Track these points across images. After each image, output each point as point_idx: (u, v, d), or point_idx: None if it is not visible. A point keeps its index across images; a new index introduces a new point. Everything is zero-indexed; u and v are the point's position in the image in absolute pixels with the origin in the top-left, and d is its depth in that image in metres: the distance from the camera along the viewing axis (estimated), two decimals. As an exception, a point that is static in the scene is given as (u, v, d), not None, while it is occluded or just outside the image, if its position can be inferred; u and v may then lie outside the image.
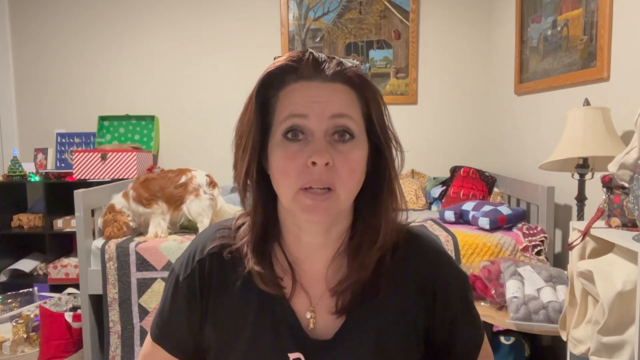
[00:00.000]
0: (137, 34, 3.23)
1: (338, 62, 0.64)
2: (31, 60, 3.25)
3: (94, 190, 2.24)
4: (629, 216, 1.30)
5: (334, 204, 0.62)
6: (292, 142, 0.62)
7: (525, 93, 2.62)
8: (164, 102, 3.25)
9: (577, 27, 2.04)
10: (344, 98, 0.63)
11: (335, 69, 0.63)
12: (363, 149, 0.64)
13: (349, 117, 0.62)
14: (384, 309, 0.69)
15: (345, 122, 0.62)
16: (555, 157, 1.77)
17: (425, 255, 0.72)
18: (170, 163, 3.28)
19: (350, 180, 0.62)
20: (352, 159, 0.62)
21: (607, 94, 1.85)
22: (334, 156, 0.60)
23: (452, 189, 2.69)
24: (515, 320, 1.56)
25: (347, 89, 0.64)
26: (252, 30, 3.21)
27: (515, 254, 2.06)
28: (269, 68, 0.64)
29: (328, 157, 0.60)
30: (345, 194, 0.62)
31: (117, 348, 2.13)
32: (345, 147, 0.62)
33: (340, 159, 0.61)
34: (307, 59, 0.63)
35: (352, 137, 0.62)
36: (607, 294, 1.14)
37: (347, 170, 0.61)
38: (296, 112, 0.62)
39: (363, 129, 0.65)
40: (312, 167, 0.60)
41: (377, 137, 0.66)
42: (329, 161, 0.60)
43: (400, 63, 3.20)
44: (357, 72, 0.64)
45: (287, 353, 0.67)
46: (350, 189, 0.63)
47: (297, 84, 0.63)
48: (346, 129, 0.62)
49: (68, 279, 2.78)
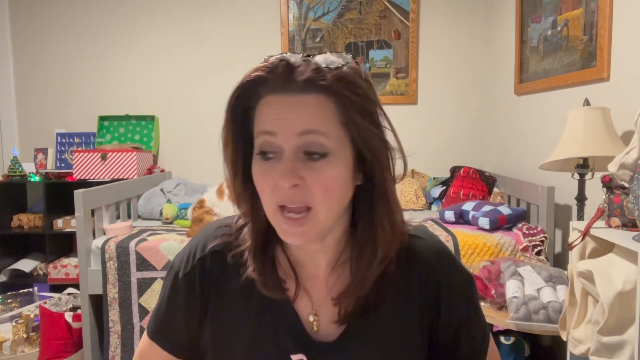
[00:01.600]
0: (137, 34, 3.23)
1: (314, 69, 0.57)
2: (31, 60, 3.25)
3: (94, 190, 2.24)
4: (629, 216, 1.30)
5: (311, 226, 0.59)
6: (265, 161, 0.60)
7: (525, 93, 2.62)
8: (164, 102, 3.25)
9: (577, 27, 2.04)
10: (315, 111, 0.57)
11: (309, 76, 0.57)
12: (342, 163, 0.59)
13: (319, 133, 0.57)
14: (388, 314, 0.68)
15: (315, 139, 0.57)
16: (555, 157, 1.77)
17: (428, 261, 0.70)
18: (170, 163, 3.28)
19: (327, 199, 0.58)
20: (325, 176, 0.58)
21: (607, 94, 1.85)
22: (305, 174, 0.57)
23: (452, 189, 2.69)
24: (515, 320, 1.57)
25: (322, 98, 0.58)
26: (252, 30, 3.21)
27: (515, 254, 2.06)
28: (243, 79, 0.61)
29: (293, 179, 0.57)
30: (323, 212, 0.59)
31: (117, 348, 2.13)
32: (317, 164, 0.58)
33: (313, 177, 0.57)
34: (277, 68, 0.58)
35: (325, 154, 0.58)
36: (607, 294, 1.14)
37: (320, 189, 0.58)
38: (266, 129, 0.59)
39: (344, 139, 0.59)
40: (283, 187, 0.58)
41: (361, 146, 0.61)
42: (297, 182, 0.57)
43: (400, 63, 3.20)
44: (339, 76, 0.58)
45: (290, 354, 0.66)
46: (329, 207, 0.59)
47: (269, 97, 0.59)
48: (315, 148, 0.57)
49: (68, 279, 2.78)
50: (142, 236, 2.20)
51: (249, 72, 0.60)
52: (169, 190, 2.81)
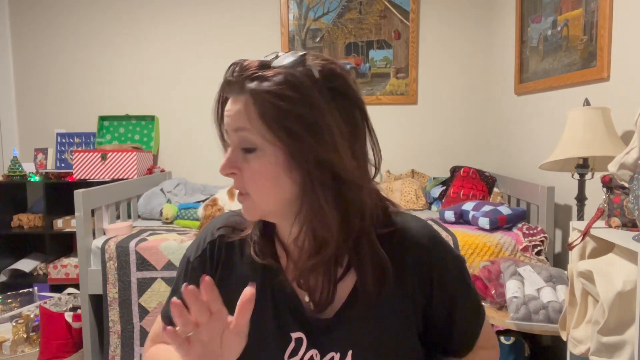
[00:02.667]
0: (137, 34, 3.23)
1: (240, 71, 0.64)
2: (31, 60, 3.25)
3: (94, 190, 2.24)
4: (629, 216, 1.30)
5: (251, 207, 0.68)
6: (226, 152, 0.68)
7: (525, 93, 2.62)
8: (164, 102, 3.25)
9: (577, 27, 2.04)
10: (243, 111, 0.63)
11: (237, 80, 0.64)
12: (266, 159, 0.63)
13: (244, 129, 0.63)
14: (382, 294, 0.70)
15: (243, 135, 0.64)
16: (555, 157, 1.77)
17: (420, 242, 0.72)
18: (170, 163, 3.28)
19: (258, 187, 0.65)
20: (252, 169, 0.64)
21: (607, 94, 1.85)
22: (241, 165, 0.65)
23: (452, 189, 2.69)
24: (515, 320, 1.57)
25: (245, 97, 0.63)
26: (252, 30, 3.21)
27: (515, 254, 2.06)
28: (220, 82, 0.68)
29: (228, 169, 0.66)
30: (258, 198, 0.66)
31: (117, 348, 2.13)
32: (248, 157, 0.65)
33: (244, 168, 0.65)
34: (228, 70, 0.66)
35: (253, 148, 0.64)
36: (607, 294, 1.14)
37: (251, 179, 0.65)
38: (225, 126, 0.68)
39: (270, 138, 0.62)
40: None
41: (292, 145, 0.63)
42: (231, 172, 0.66)
43: (400, 63, 3.20)
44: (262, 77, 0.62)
45: (290, 333, 0.70)
46: (260, 194, 0.66)
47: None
48: (244, 144, 0.64)
49: (68, 279, 2.78)
50: (142, 236, 2.20)
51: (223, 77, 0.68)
52: (169, 190, 2.81)
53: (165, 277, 2.11)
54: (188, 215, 2.50)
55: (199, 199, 2.78)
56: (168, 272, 2.11)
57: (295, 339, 0.69)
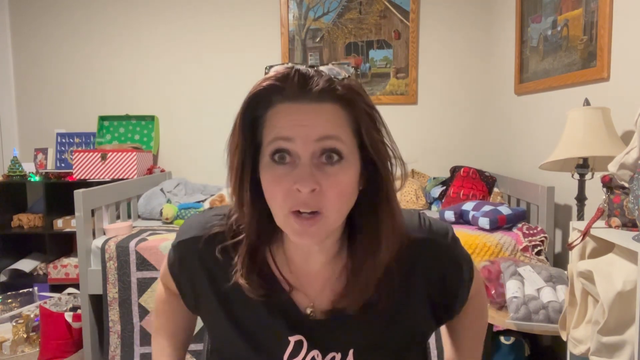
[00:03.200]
0: (137, 33, 3.23)
1: (327, 79, 0.60)
2: (31, 60, 3.25)
3: (94, 190, 2.24)
4: (629, 216, 1.30)
5: (322, 227, 0.61)
6: (279, 165, 0.61)
7: (525, 93, 2.62)
8: (164, 102, 3.25)
9: (577, 27, 2.04)
10: (331, 119, 0.60)
11: (324, 86, 0.60)
12: (353, 169, 0.62)
13: (336, 138, 0.60)
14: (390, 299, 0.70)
15: (332, 144, 0.60)
16: (555, 157, 1.77)
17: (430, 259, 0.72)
18: (170, 163, 3.28)
19: (339, 203, 0.61)
20: (341, 181, 0.60)
21: (607, 94, 1.85)
22: (321, 180, 0.59)
23: (452, 189, 2.69)
24: (515, 320, 1.56)
25: (336, 107, 0.61)
26: (252, 30, 3.21)
27: (515, 254, 2.06)
28: (255, 88, 0.62)
29: (313, 184, 0.58)
30: (334, 216, 0.61)
31: (117, 348, 2.13)
32: (333, 169, 0.60)
33: (329, 183, 0.59)
34: (293, 78, 0.60)
35: (341, 158, 0.60)
36: (607, 294, 1.14)
37: (335, 194, 0.60)
38: (282, 135, 0.60)
39: (354, 146, 0.62)
40: (298, 192, 0.59)
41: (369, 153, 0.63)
42: (314, 187, 0.59)
43: (400, 63, 3.20)
44: (349, 87, 0.61)
45: (288, 337, 0.69)
46: (339, 210, 0.62)
47: (283, 105, 0.61)
48: (334, 150, 0.60)
49: (68, 279, 2.78)
50: (142, 236, 2.20)
51: (260, 81, 0.62)
52: (169, 190, 2.81)
53: (165, 277, 2.11)
54: (188, 215, 2.50)
55: (199, 199, 2.78)
56: (168, 272, 2.11)
57: (295, 342, 0.69)
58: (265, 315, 0.70)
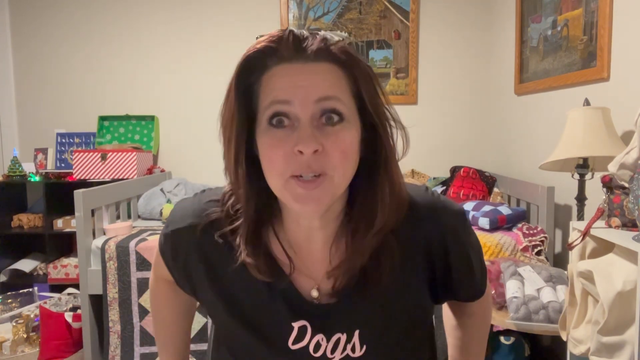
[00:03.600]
0: (137, 33, 3.23)
1: (322, 38, 0.59)
2: (31, 60, 3.25)
3: (94, 190, 2.24)
4: (629, 216, 1.30)
5: (327, 190, 0.59)
6: (278, 129, 0.59)
7: (525, 93, 2.62)
8: (164, 102, 3.25)
9: (577, 27, 2.04)
10: (330, 78, 0.59)
11: (319, 46, 0.59)
12: (355, 130, 0.61)
13: (336, 98, 0.59)
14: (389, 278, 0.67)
15: (332, 105, 0.58)
16: (555, 157, 1.77)
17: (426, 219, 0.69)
18: (170, 163, 3.28)
19: (344, 163, 0.59)
20: (343, 140, 0.59)
21: (607, 94, 1.85)
22: (323, 141, 0.57)
23: (452, 189, 2.69)
24: (515, 320, 1.56)
25: (334, 67, 0.60)
26: (252, 30, 3.19)
27: (515, 254, 2.06)
28: (247, 51, 0.60)
29: (315, 145, 0.56)
30: (339, 177, 0.59)
31: (117, 348, 2.13)
32: (334, 129, 0.58)
33: (330, 142, 0.58)
34: (287, 38, 0.58)
35: (342, 119, 0.59)
36: (607, 294, 1.14)
37: (338, 154, 0.58)
38: (279, 98, 0.58)
39: (354, 108, 0.61)
40: (300, 155, 0.57)
41: (370, 116, 0.62)
42: (317, 148, 0.57)
43: (400, 63, 3.19)
44: (344, 49, 0.60)
45: (291, 323, 0.67)
46: (344, 172, 0.60)
47: (279, 67, 0.59)
48: (334, 110, 0.58)
49: (68, 279, 2.78)
50: (142, 236, 2.20)
51: (254, 44, 0.60)
52: (169, 190, 2.81)
53: (165, 277, 2.11)
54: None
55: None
56: (168, 272, 2.11)
57: (299, 328, 0.67)
58: (267, 301, 0.67)
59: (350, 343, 0.67)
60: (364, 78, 0.61)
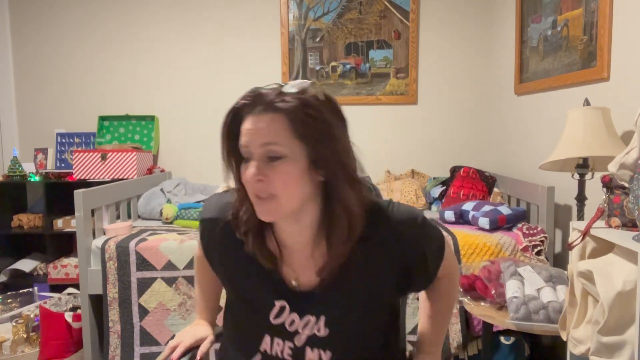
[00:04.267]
0: (137, 33, 3.23)
1: (277, 93, 0.77)
2: (31, 60, 3.25)
3: (94, 190, 2.24)
4: (629, 216, 1.30)
5: (275, 207, 0.79)
6: (246, 163, 0.80)
7: (526, 93, 2.62)
8: (164, 102, 3.25)
9: (577, 27, 2.04)
10: (273, 127, 0.76)
11: (270, 100, 0.77)
12: (296, 164, 0.78)
13: (274, 143, 0.76)
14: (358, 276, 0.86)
15: (271, 149, 0.77)
16: (555, 157, 1.77)
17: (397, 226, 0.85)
18: (170, 163, 3.28)
19: (286, 188, 0.78)
20: (282, 172, 0.77)
21: (607, 94, 1.85)
22: (268, 172, 0.77)
23: (452, 189, 2.69)
24: (515, 320, 1.56)
25: (278, 116, 0.76)
26: (252, 31, 3.21)
27: (515, 254, 2.06)
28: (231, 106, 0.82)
29: (257, 176, 0.77)
30: (285, 198, 0.78)
31: (117, 348, 2.13)
32: (275, 164, 0.77)
33: (273, 173, 0.77)
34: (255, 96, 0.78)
35: (281, 157, 0.77)
36: (607, 294, 1.14)
37: (280, 182, 0.77)
38: (242, 142, 0.79)
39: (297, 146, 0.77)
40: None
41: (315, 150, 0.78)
42: (259, 178, 0.77)
43: (400, 63, 3.20)
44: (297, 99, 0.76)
45: (274, 301, 0.88)
46: (288, 194, 0.78)
47: (247, 118, 0.79)
48: (273, 154, 0.77)
49: (68, 279, 2.78)
50: (142, 236, 2.20)
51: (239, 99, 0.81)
52: (169, 190, 2.81)
53: (165, 277, 2.11)
54: (188, 215, 2.50)
55: (199, 199, 2.78)
56: (168, 272, 2.11)
57: (280, 306, 0.88)
58: (259, 283, 0.89)
59: (317, 325, 0.86)
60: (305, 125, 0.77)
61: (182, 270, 2.11)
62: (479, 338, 2.06)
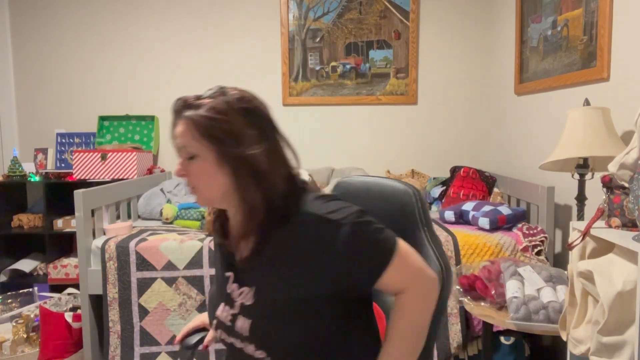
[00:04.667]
0: (137, 33, 3.23)
1: (181, 103, 0.92)
2: (31, 60, 3.25)
3: (94, 190, 2.24)
4: (629, 216, 1.30)
5: (199, 196, 0.95)
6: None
7: (526, 93, 2.62)
8: (164, 102, 3.25)
9: (577, 27, 2.05)
10: (182, 132, 0.91)
11: (176, 108, 0.92)
12: (203, 162, 0.90)
13: (184, 146, 0.91)
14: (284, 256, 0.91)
15: (185, 150, 0.91)
16: (555, 157, 1.77)
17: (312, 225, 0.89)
18: (170, 163, 3.28)
19: (200, 181, 0.92)
20: (195, 168, 0.91)
21: (607, 94, 1.85)
22: (188, 168, 0.92)
23: (452, 189, 2.69)
24: (515, 320, 1.56)
25: (185, 122, 0.90)
26: (252, 31, 3.21)
27: (515, 254, 2.06)
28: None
29: (180, 172, 0.94)
30: (203, 190, 0.93)
31: (117, 348, 2.13)
32: (191, 162, 0.91)
33: (189, 170, 0.92)
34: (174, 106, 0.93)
35: (192, 157, 0.90)
36: (607, 294, 1.14)
37: (194, 177, 0.92)
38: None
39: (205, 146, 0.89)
40: None
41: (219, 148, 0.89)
42: (181, 173, 0.93)
43: (400, 63, 3.20)
44: (193, 106, 0.90)
45: (226, 273, 1.02)
46: (205, 186, 0.92)
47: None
48: (188, 154, 0.91)
49: (68, 279, 2.78)
50: (142, 236, 2.20)
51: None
52: (169, 190, 2.81)
53: (165, 277, 2.11)
54: (188, 215, 2.50)
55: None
56: (168, 272, 2.11)
57: (227, 277, 1.01)
58: (221, 259, 1.05)
59: (247, 295, 0.95)
60: (207, 128, 0.89)
61: (182, 270, 2.11)
62: (479, 338, 2.07)
